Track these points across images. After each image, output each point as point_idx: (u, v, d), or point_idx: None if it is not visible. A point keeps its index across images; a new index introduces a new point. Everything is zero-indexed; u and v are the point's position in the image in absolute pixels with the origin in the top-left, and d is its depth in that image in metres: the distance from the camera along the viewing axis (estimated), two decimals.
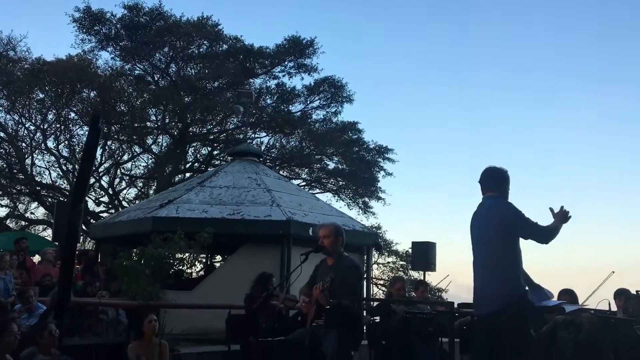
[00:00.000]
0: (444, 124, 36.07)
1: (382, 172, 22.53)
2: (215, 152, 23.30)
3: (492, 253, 3.82)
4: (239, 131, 21.11)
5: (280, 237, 10.12)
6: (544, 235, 3.85)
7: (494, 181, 4.00)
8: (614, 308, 6.33)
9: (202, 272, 15.79)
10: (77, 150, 20.59)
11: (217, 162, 21.61)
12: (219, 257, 15.84)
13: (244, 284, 7.08)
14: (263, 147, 21.58)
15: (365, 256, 11.84)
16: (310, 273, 5.00)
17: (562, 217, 3.86)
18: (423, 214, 37.36)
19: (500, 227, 3.83)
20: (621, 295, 6.45)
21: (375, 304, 6.68)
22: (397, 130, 36.73)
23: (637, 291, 6.80)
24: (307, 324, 4.76)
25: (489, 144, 34.50)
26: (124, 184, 23.24)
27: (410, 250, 12.36)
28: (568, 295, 5.80)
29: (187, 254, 8.54)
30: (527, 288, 3.86)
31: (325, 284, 4.44)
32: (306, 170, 23.40)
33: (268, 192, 11.33)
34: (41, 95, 20.11)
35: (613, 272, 5.73)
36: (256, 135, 22.61)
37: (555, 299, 4.71)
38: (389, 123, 36.15)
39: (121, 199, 22.77)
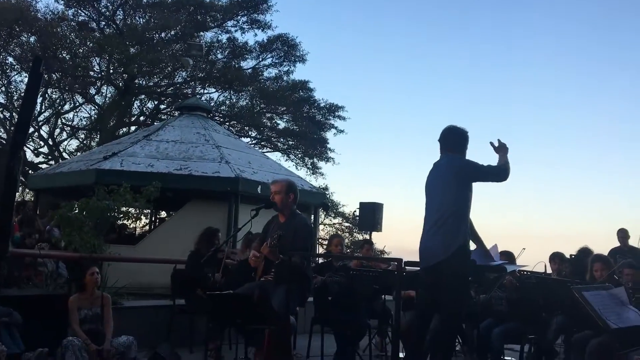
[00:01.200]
0: (394, 85, 36.27)
1: (333, 130, 22.60)
2: (162, 107, 22.72)
3: (444, 207, 3.91)
4: (188, 85, 20.60)
5: (229, 194, 10.05)
6: (502, 173, 4.01)
7: (454, 140, 4.08)
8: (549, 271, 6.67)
9: (146, 228, 15.62)
10: (15, 97, 19.63)
11: (164, 117, 21.07)
12: (164, 214, 15.64)
13: (191, 240, 7.00)
14: (212, 104, 21.15)
15: (312, 216, 11.93)
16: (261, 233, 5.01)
17: (503, 149, 4.04)
18: (370, 176, 37.88)
19: (455, 180, 3.93)
20: (555, 258, 6.77)
21: (321, 261, 6.74)
22: (348, 90, 36.72)
23: (570, 255, 7.15)
24: (256, 278, 4.78)
25: (440, 105, 34.95)
26: (64, 134, 22.46)
27: (356, 212, 12.55)
28: (506, 256, 6.03)
29: (132, 208, 8.36)
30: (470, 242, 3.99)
31: (273, 241, 4.44)
32: (256, 128, 23.15)
33: (217, 149, 11.18)
34: None
35: (524, 248, 6.06)
36: (205, 91, 22.16)
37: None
38: (340, 83, 36.06)
39: (62, 150, 22.00)
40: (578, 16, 30.72)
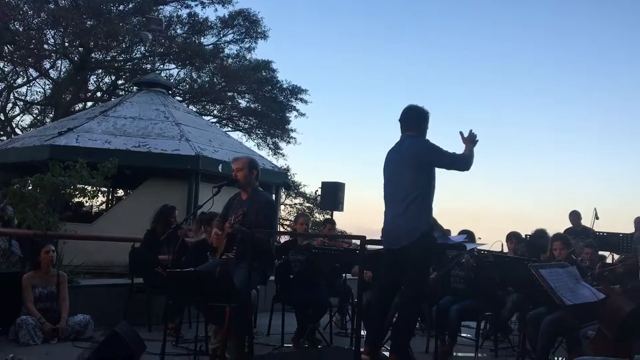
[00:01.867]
0: (357, 67, 36.23)
1: (295, 113, 22.48)
2: (120, 82, 22.14)
3: (407, 189, 3.90)
4: (147, 61, 20.10)
5: (189, 172, 9.93)
6: (464, 162, 3.98)
7: (414, 120, 4.06)
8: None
9: (103, 206, 15.28)
10: None
11: (122, 93, 20.54)
12: (122, 192, 15.34)
13: (149, 219, 6.87)
14: (172, 80, 20.71)
15: (274, 196, 11.88)
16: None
17: (471, 140, 4.01)
18: (332, 156, 37.96)
19: (416, 162, 3.92)
20: (512, 238, 6.94)
21: (284, 240, 6.72)
22: (309, 70, 36.52)
23: (526, 235, 7.33)
24: (218, 256, 4.72)
25: (400, 86, 35.11)
26: (17, 109, 21.69)
27: (318, 192, 12.56)
28: (467, 235, 6.14)
29: (88, 186, 8.14)
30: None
31: (238, 217, 4.39)
32: (217, 107, 22.84)
33: (177, 126, 10.98)
34: None
35: (480, 238, 6.24)
36: (165, 67, 21.66)
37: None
38: (302, 63, 35.83)
39: (14, 125, 21.25)
40: None
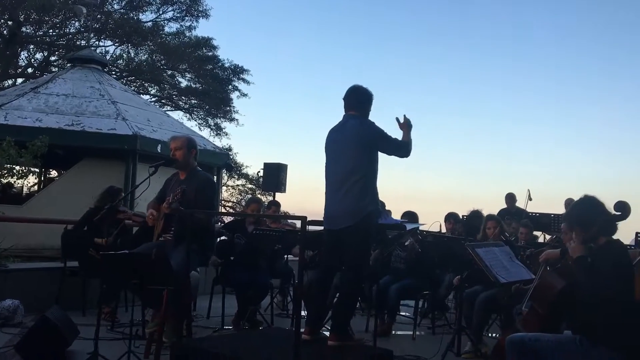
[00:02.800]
0: (298, 48, 36.01)
1: (237, 93, 22.16)
2: (52, 58, 21.15)
3: (350, 170, 3.89)
4: (81, 37, 19.27)
5: (126, 152, 9.60)
6: (406, 149, 4.02)
7: (358, 100, 4.05)
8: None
9: (35, 188, 14.63)
10: None
11: (54, 70, 19.63)
12: (55, 173, 14.74)
13: (84, 200, 6.62)
14: (108, 57, 19.95)
15: (215, 177, 11.69)
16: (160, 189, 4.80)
17: (407, 125, 4.07)
18: (275, 137, 37.72)
19: (361, 144, 3.90)
20: (450, 218, 7.11)
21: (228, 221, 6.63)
22: (251, 50, 36.02)
23: (463, 216, 7.53)
24: (154, 238, 4.59)
25: (342, 67, 35.10)
26: None
27: (260, 173, 12.45)
28: (409, 216, 6.24)
29: (17, 165, 7.77)
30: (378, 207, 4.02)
31: (176, 196, 4.27)
32: (156, 86, 22.21)
33: (113, 104, 10.58)
34: None
35: (425, 224, 6.42)
36: (101, 44, 20.85)
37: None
38: (246, 44, 35.28)
39: None
40: None
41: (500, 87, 32.83)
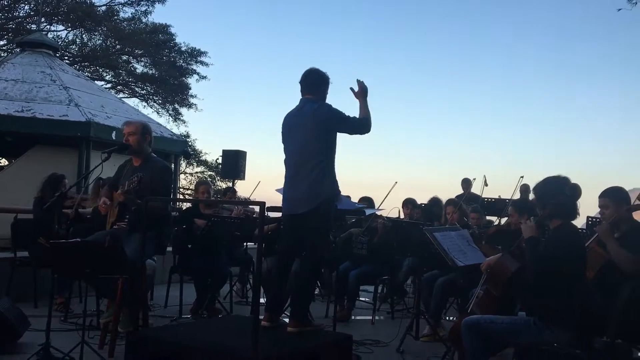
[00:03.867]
0: (256, 32, 35.58)
1: (196, 76, 21.78)
2: (0, 43, 20.35)
3: (308, 154, 3.84)
4: (32, 20, 18.59)
5: (79, 139, 9.33)
6: (366, 125, 3.94)
7: (315, 83, 3.98)
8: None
9: None
10: None
11: (3, 54, 18.89)
12: (5, 161, 14.25)
13: (35, 189, 6.41)
14: (60, 42, 19.30)
15: (173, 165, 11.48)
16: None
17: (362, 92, 3.99)
18: (234, 123, 37.20)
19: (319, 128, 3.84)
20: (408, 204, 7.17)
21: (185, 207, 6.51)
22: (210, 36, 35.39)
23: (421, 204, 7.60)
24: (107, 226, 4.47)
25: (302, 51, 34.79)
26: None
27: (218, 160, 12.30)
28: (367, 201, 6.26)
29: None
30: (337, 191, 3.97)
31: (132, 184, 4.15)
32: (111, 72, 21.63)
33: (65, 90, 10.26)
34: None
35: (396, 182, 6.34)
36: (52, 28, 20.16)
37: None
38: (202, 28, 34.62)
39: None
40: None
41: (453, 73, 32.98)
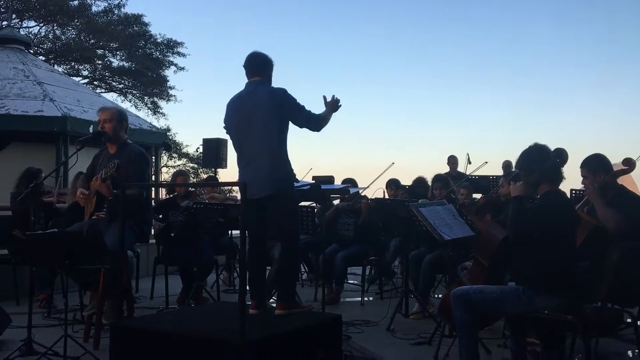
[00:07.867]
0: (233, 19, 35.17)
1: (173, 68, 21.50)
2: None
3: (263, 138, 3.74)
4: (3, 17, 18.20)
5: (56, 134, 9.16)
6: (318, 123, 3.88)
7: (260, 65, 3.91)
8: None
9: None
10: None
11: None
12: None
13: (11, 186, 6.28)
14: (34, 39, 18.92)
15: (154, 158, 11.33)
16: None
17: (333, 105, 3.95)
18: (214, 112, 36.81)
19: (274, 111, 3.75)
20: (392, 184, 7.13)
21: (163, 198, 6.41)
22: (186, 26, 34.95)
23: (405, 185, 7.56)
24: (86, 216, 4.36)
25: (279, 38, 34.50)
26: None
27: (199, 149, 12.13)
28: (350, 182, 6.21)
29: None
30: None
31: (109, 172, 4.03)
32: (87, 67, 21.27)
33: (39, 85, 10.06)
34: None
35: (393, 163, 6.29)
36: (24, 25, 19.75)
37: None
38: (177, 17, 34.15)
39: None
40: None
41: (435, 49, 32.79)
